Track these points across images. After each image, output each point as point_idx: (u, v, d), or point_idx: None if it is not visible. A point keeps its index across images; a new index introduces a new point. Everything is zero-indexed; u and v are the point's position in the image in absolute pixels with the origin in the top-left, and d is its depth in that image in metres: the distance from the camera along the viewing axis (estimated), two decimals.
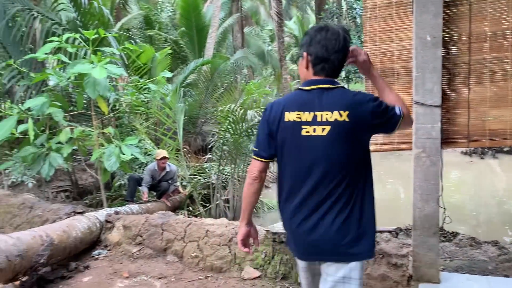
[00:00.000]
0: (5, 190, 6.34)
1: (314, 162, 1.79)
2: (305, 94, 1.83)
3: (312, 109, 1.78)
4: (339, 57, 1.83)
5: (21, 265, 3.25)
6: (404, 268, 3.15)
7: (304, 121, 1.79)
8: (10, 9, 7.52)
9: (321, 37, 1.81)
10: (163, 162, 6.68)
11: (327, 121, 1.75)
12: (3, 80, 7.60)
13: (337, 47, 1.81)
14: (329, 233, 1.78)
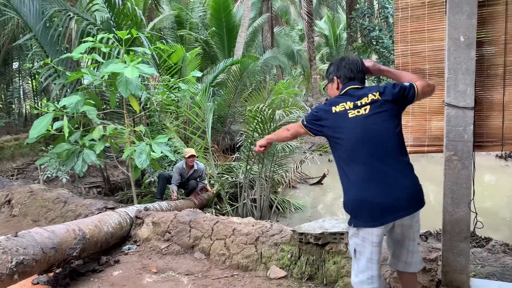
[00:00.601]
0: (41, 185, 6.57)
1: (364, 136, 2.27)
2: (340, 98, 2.40)
3: (351, 99, 2.34)
4: (362, 75, 2.48)
5: (55, 257, 3.37)
6: (433, 272, 3.09)
7: (348, 108, 2.32)
8: (48, 10, 7.79)
9: (345, 63, 2.47)
10: (191, 161, 6.75)
11: (365, 103, 2.31)
12: (40, 79, 7.88)
13: (359, 68, 2.46)
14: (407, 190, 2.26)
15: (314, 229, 3.56)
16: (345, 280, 3.31)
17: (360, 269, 2.34)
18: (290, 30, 28.86)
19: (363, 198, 2.25)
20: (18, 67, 14.97)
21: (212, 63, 13.72)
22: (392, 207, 2.22)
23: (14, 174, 9.33)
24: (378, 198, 2.21)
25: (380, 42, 14.57)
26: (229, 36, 14.47)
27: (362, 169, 2.26)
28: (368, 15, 15.89)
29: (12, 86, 14.63)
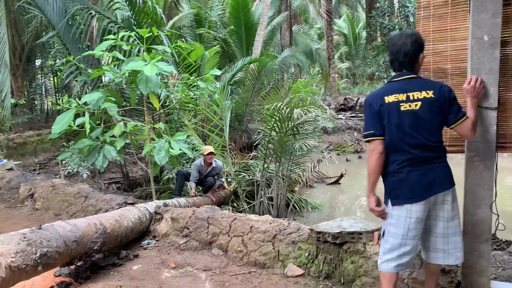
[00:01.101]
0: (62, 180, 6.71)
1: (411, 129, 2.46)
2: (395, 83, 2.55)
3: (405, 91, 2.48)
4: (401, 56, 2.53)
5: (76, 250, 3.44)
6: (453, 274, 3.06)
7: (400, 100, 2.47)
8: (71, 8, 7.94)
9: (389, 44, 2.60)
10: (210, 158, 6.75)
11: (418, 98, 2.46)
12: (62, 76, 8.04)
13: (396, 49, 2.55)
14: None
15: (332, 228, 3.56)
16: (363, 279, 3.31)
17: (388, 249, 2.59)
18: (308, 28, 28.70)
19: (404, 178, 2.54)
20: (41, 64, 15.31)
21: (230, 62, 13.77)
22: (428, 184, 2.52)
23: (36, 168, 9.55)
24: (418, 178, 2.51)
25: None
26: (247, 34, 14.49)
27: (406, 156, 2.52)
28: (388, 14, 15.73)
29: (35, 83, 14.96)
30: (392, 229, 2.57)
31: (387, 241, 2.60)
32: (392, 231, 2.57)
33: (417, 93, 2.48)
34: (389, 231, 2.59)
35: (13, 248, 2.79)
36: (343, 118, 16.33)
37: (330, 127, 8.24)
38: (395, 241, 2.56)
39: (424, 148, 2.49)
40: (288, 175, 7.19)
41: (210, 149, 6.81)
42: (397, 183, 2.55)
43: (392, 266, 2.59)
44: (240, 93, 11.27)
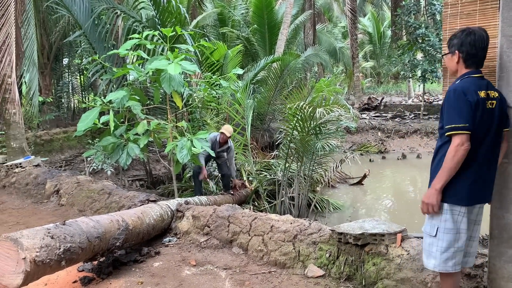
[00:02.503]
0: (87, 176, 6.84)
1: (489, 128, 2.43)
2: (477, 79, 2.47)
3: (487, 88, 2.44)
4: (484, 53, 2.50)
5: (99, 246, 3.50)
6: (478, 279, 2.97)
7: (486, 97, 2.41)
8: (97, 8, 8.09)
9: (470, 39, 2.46)
10: (223, 138, 6.71)
11: (494, 97, 2.45)
12: (88, 74, 8.19)
13: (483, 45, 2.47)
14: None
15: (354, 230, 3.51)
16: (385, 282, 3.25)
17: (445, 247, 2.50)
18: (332, 27, 28.48)
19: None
20: (68, 63, 15.66)
21: (253, 61, 13.77)
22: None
23: (62, 165, 9.77)
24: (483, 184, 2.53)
25: (426, 40, 14.15)
26: (270, 33, 14.46)
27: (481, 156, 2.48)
28: (414, 12, 15.45)
29: (62, 81, 15.31)
30: (446, 226, 2.50)
31: (442, 239, 2.51)
32: (446, 228, 2.50)
33: (493, 92, 2.46)
34: (443, 229, 2.51)
35: (37, 242, 2.85)
36: (366, 118, 16.13)
37: (353, 127, 8.13)
38: (449, 238, 2.50)
39: (495, 149, 2.50)
40: (310, 175, 7.14)
41: (229, 131, 6.76)
42: (473, 184, 2.47)
43: (454, 264, 2.55)
44: (263, 92, 11.25)
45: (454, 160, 2.35)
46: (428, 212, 2.50)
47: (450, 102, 2.40)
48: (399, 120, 15.53)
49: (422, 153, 12.78)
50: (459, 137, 2.32)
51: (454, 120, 2.35)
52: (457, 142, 2.33)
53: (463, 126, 2.32)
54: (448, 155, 2.37)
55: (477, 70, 2.51)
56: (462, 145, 2.32)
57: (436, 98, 19.39)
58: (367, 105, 18.18)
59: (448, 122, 2.38)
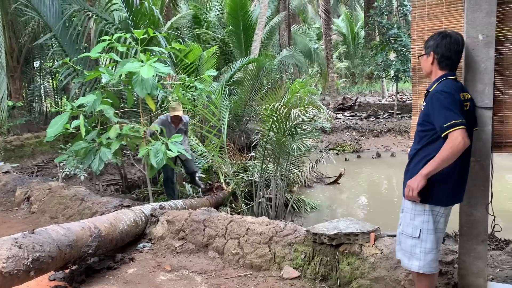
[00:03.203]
0: (59, 182, 6.68)
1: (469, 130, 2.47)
2: (455, 82, 2.54)
3: (462, 91, 2.51)
4: (459, 56, 2.57)
5: (70, 255, 3.41)
6: (449, 275, 3.03)
7: (463, 99, 2.47)
8: (68, 10, 7.91)
9: (446, 42, 2.52)
10: (175, 120, 6.39)
11: (468, 99, 2.54)
12: (60, 77, 8.01)
13: (458, 48, 2.54)
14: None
15: (328, 230, 3.53)
16: (359, 281, 3.28)
17: (429, 248, 2.54)
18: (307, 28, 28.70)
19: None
20: (39, 66, 15.27)
21: (229, 62, 13.74)
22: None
23: (34, 171, 9.51)
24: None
25: (399, 40, 14.40)
26: (246, 34, 14.46)
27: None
28: (387, 13, 15.72)
29: (33, 85, 14.92)
30: (428, 227, 2.54)
31: (425, 240, 2.54)
32: (428, 229, 2.54)
33: (466, 94, 2.55)
34: (426, 230, 2.54)
35: (4, 253, 2.76)
36: (341, 117, 16.30)
37: (328, 127, 8.19)
38: (433, 239, 2.54)
39: (471, 149, 2.58)
40: (287, 176, 7.16)
41: (177, 111, 6.31)
42: (456, 185, 2.55)
43: (437, 265, 2.62)
44: (239, 94, 11.24)
45: (454, 152, 2.30)
46: (409, 196, 2.49)
47: (441, 101, 2.38)
48: (373, 120, 15.76)
49: (396, 152, 12.99)
50: (461, 132, 2.28)
51: (453, 117, 2.31)
52: (456, 135, 2.28)
53: (462, 121, 2.30)
54: (446, 145, 2.31)
55: (452, 72, 2.57)
56: (463, 138, 2.27)
57: (409, 97, 19.75)
58: (342, 105, 18.38)
59: (446, 120, 2.32)
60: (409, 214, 2.59)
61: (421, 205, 2.53)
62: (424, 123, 2.52)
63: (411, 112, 3.17)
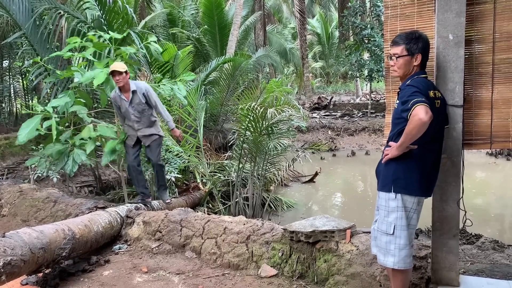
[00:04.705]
0: (31, 184, 6.51)
1: (439, 126, 2.61)
2: (426, 79, 2.60)
3: (433, 88, 2.58)
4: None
5: (44, 258, 3.34)
6: (423, 270, 3.10)
7: (434, 97, 2.53)
8: (38, 8, 7.72)
9: (426, 42, 2.59)
10: (117, 80, 4.85)
11: (439, 97, 2.59)
12: (30, 77, 7.81)
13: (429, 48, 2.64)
14: None
15: (305, 227, 3.56)
16: (336, 278, 3.32)
17: (403, 244, 2.59)
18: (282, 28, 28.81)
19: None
20: (8, 65, 14.83)
21: (205, 61, 13.67)
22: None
23: (4, 173, 9.24)
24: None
25: (372, 40, 14.64)
26: (221, 34, 14.41)
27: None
28: (360, 13, 15.96)
29: (2, 85, 14.47)
30: (402, 223, 2.59)
31: (400, 236, 2.59)
32: (401, 225, 2.59)
33: (437, 92, 2.62)
34: (399, 225, 2.59)
35: None
36: (317, 117, 16.46)
37: (304, 126, 8.25)
38: (406, 234, 2.59)
39: (442, 146, 2.69)
40: (263, 175, 7.19)
41: (115, 66, 4.84)
42: (426, 179, 2.61)
43: (411, 260, 2.67)
44: (215, 93, 11.20)
45: (415, 124, 2.32)
46: (384, 158, 2.63)
47: (407, 91, 2.45)
48: (348, 119, 15.98)
49: (371, 150, 13.21)
50: (422, 106, 2.32)
51: (415, 99, 2.36)
52: (420, 110, 2.31)
53: (424, 100, 2.35)
54: (410, 120, 2.34)
55: (423, 71, 2.64)
56: (427, 113, 2.30)
57: (383, 97, 20.11)
58: (317, 104, 18.55)
59: (414, 98, 2.37)
60: (383, 211, 2.65)
61: (394, 202, 2.58)
62: (397, 120, 2.58)
63: (385, 111, 3.22)
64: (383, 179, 2.65)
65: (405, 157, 2.53)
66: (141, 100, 5.03)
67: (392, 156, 2.55)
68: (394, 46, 2.65)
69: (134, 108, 5.04)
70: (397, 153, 2.52)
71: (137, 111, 5.06)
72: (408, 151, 2.51)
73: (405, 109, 2.41)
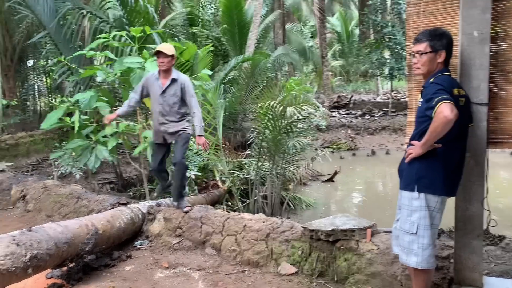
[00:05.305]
0: (55, 181, 6.66)
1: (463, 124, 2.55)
2: (450, 77, 2.58)
3: (457, 86, 2.55)
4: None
5: (68, 252, 3.42)
6: (445, 270, 3.06)
7: (458, 94, 2.50)
8: (62, 8, 7.88)
9: (450, 39, 2.58)
10: (161, 62, 4.33)
11: (463, 95, 2.55)
12: (54, 76, 7.99)
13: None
14: None
15: (325, 226, 3.55)
16: (356, 277, 3.30)
17: (426, 244, 2.56)
18: (302, 26, 28.66)
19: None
20: (33, 64, 15.18)
21: (224, 60, 13.72)
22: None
23: (29, 170, 9.47)
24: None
25: (393, 38, 14.46)
26: (240, 33, 14.44)
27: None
28: (381, 11, 15.77)
29: (27, 84, 14.83)
30: (426, 222, 2.56)
31: (423, 236, 2.56)
32: (425, 224, 2.56)
33: (462, 90, 2.57)
34: (423, 225, 2.56)
35: (2, 250, 2.76)
36: (336, 115, 16.35)
37: (323, 125, 8.23)
38: (430, 234, 2.57)
39: (466, 144, 2.64)
40: (282, 173, 7.19)
41: (167, 48, 4.36)
42: (451, 178, 2.58)
43: (434, 260, 2.63)
44: (234, 92, 11.23)
45: (439, 121, 2.31)
46: (408, 155, 2.58)
47: (436, 86, 2.42)
48: (368, 118, 15.82)
49: (391, 149, 13.05)
50: (446, 104, 2.30)
51: (440, 97, 2.34)
52: (445, 107, 2.29)
53: (448, 97, 2.33)
54: (434, 118, 2.33)
55: (447, 68, 2.60)
56: (452, 110, 2.29)
57: (404, 95, 19.84)
58: (337, 103, 18.41)
59: (439, 95, 2.35)
60: (406, 211, 2.62)
61: (418, 201, 2.55)
62: (421, 118, 2.55)
63: (406, 110, 3.19)
64: (406, 178, 2.62)
65: (429, 155, 2.50)
66: (176, 92, 4.42)
67: (416, 155, 2.52)
68: (417, 43, 2.63)
69: (165, 99, 4.42)
70: (421, 152, 2.50)
71: (167, 103, 4.42)
72: (432, 149, 2.49)
73: (429, 107, 2.40)
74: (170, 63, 4.38)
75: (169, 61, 4.33)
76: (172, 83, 4.41)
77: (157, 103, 4.44)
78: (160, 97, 4.42)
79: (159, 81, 4.42)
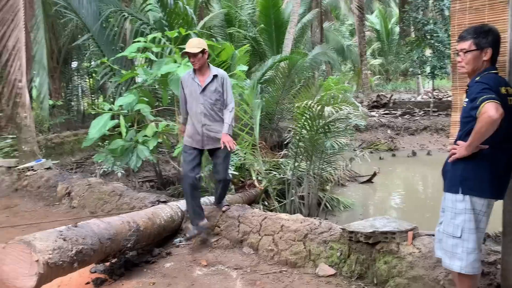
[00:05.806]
0: (98, 178, 6.88)
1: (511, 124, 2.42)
2: (497, 76, 2.49)
3: (505, 85, 2.46)
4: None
5: (111, 248, 3.52)
6: (492, 276, 2.94)
7: (506, 93, 2.41)
8: (104, 11, 8.15)
9: (497, 36, 2.49)
10: (193, 62, 4.14)
11: (511, 94, 2.44)
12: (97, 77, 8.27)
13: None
14: None
15: (365, 228, 3.49)
16: (396, 280, 3.23)
17: (471, 248, 2.48)
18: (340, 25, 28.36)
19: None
20: (77, 66, 15.80)
21: (261, 60, 13.76)
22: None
23: (73, 167, 9.84)
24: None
25: (435, 36, 14.03)
26: (277, 32, 14.44)
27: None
28: (422, 8, 15.32)
29: (72, 85, 15.45)
30: (471, 226, 2.48)
31: (467, 239, 2.48)
32: (470, 228, 2.48)
33: (510, 88, 2.47)
34: (468, 229, 2.48)
35: (50, 245, 2.88)
36: (376, 115, 16.03)
37: (362, 124, 8.08)
38: (474, 238, 2.48)
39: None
40: (319, 174, 7.12)
41: (192, 43, 4.13)
42: (498, 176, 2.48)
43: (479, 265, 2.55)
44: (271, 92, 11.24)
45: (485, 121, 2.25)
46: (452, 155, 2.51)
47: (481, 85, 2.36)
48: (409, 117, 15.42)
49: (433, 150, 12.68)
50: (491, 103, 2.24)
51: (488, 95, 2.28)
52: (490, 107, 2.23)
53: (493, 96, 2.26)
54: (479, 118, 2.27)
55: (494, 66, 2.52)
56: (497, 110, 2.22)
57: (446, 95, 19.21)
58: (376, 102, 18.05)
59: (484, 94, 2.29)
60: (449, 213, 2.54)
61: (462, 203, 2.47)
62: (466, 119, 2.47)
63: (448, 110, 3.09)
64: (450, 179, 2.54)
65: (475, 156, 2.41)
66: (217, 88, 4.17)
67: (460, 156, 2.44)
68: (461, 41, 2.55)
69: (206, 97, 4.16)
70: (465, 153, 2.42)
71: (209, 102, 4.16)
72: (477, 150, 2.39)
73: (474, 107, 2.32)
74: (203, 60, 4.14)
75: (199, 58, 4.09)
76: (214, 79, 4.19)
77: (197, 103, 4.17)
78: (201, 96, 4.16)
79: (196, 79, 4.20)
